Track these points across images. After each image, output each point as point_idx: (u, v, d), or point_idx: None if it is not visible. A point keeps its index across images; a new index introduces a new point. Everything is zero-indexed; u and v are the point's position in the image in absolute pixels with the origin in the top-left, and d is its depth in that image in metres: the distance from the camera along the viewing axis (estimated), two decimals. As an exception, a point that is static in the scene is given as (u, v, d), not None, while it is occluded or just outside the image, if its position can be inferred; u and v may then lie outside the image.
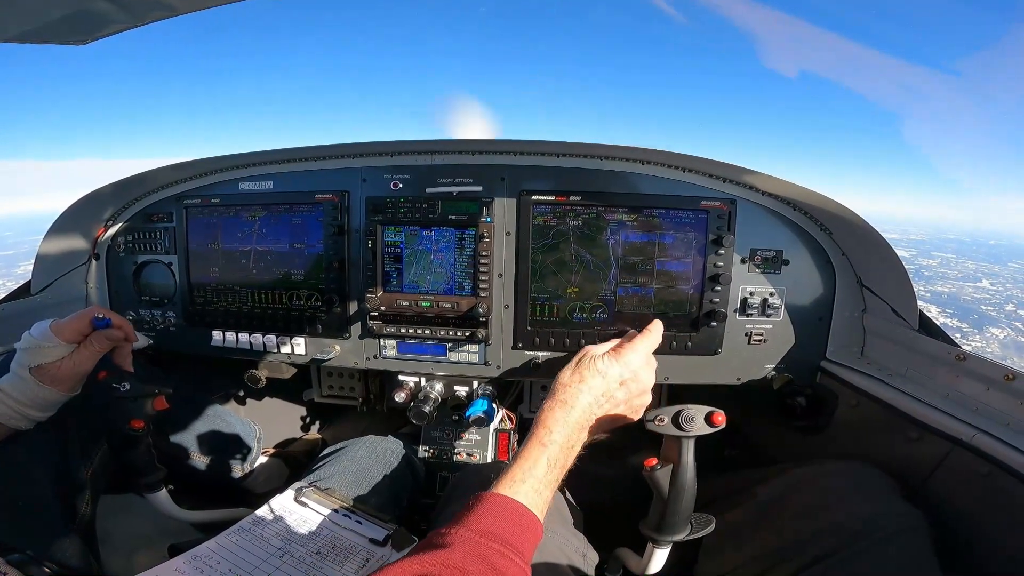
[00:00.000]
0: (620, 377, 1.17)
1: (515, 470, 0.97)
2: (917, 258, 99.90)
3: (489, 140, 1.64)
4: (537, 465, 0.99)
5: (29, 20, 0.95)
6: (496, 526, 0.86)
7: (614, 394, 1.16)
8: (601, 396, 1.14)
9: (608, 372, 1.16)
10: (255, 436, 1.92)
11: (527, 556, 0.87)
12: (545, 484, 0.98)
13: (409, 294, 1.70)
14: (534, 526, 0.91)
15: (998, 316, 62.73)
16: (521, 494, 0.93)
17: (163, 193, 1.85)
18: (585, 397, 1.12)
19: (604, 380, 1.15)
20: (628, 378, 1.18)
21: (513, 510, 0.90)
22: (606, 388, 1.15)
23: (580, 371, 1.16)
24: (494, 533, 0.84)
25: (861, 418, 1.52)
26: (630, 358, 1.20)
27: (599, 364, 1.17)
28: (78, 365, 1.24)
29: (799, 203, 1.58)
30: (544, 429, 1.05)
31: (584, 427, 1.11)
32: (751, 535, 1.30)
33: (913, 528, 1.10)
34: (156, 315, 1.91)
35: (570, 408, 1.10)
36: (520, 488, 0.94)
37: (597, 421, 1.14)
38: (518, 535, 0.87)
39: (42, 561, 1.02)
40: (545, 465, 0.99)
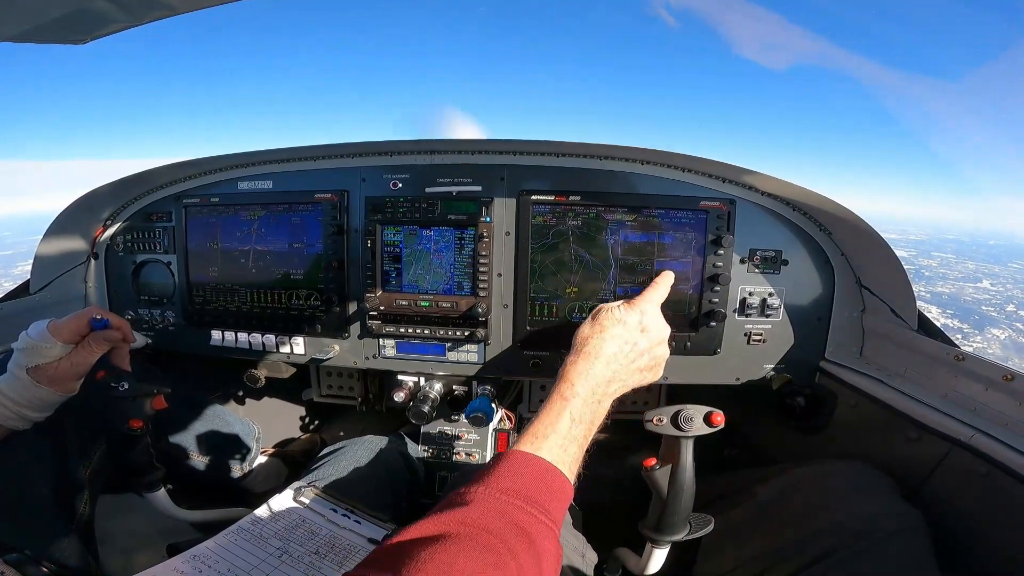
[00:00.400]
0: (640, 324, 1.15)
1: (536, 426, 0.94)
2: (917, 258, 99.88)
3: (488, 140, 1.64)
4: (560, 420, 0.95)
5: (28, 19, 0.95)
6: (517, 483, 0.83)
7: (637, 341, 1.13)
8: (625, 344, 1.11)
9: (627, 319, 1.14)
10: (254, 436, 1.92)
11: (554, 514, 0.84)
12: (570, 439, 0.94)
13: (408, 294, 1.70)
14: (560, 483, 0.88)
15: (999, 317, 62.62)
16: (544, 450, 0.90)
17: (162, 192, 1.85)
18: (609, 346, 1.09)
19: (625, 327, 1.13)
20: (648, 324, 1.16)
21: (536, 466, 0.87)
22: (627, 335, 1.12)
23: (600, 321, 1.13)
24: (516, 490, 0.81)
25: (860, 418, 1.52)
26: (646, 307, 1.18)
27: (617, 313, 1.15)
28: (75, 366, 1.23)
29: (798, 203, 1.58)
30: (566, 383, 1.01)
31: (610, 380, 1.07)
32: (750, 535, 1.30)
33: (912, 528, 1.10)
34: (155, 314, 1.91)
35: (593, 359, 1.06)
36: (543, 444, 0.91)
37: (623, 372, 1.10)
38: (543, 492, 0.84)
39: (40, 561, 1.01)
40: (568, 419, 0.96)
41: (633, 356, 1.12)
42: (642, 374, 1.15)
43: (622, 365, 1.09)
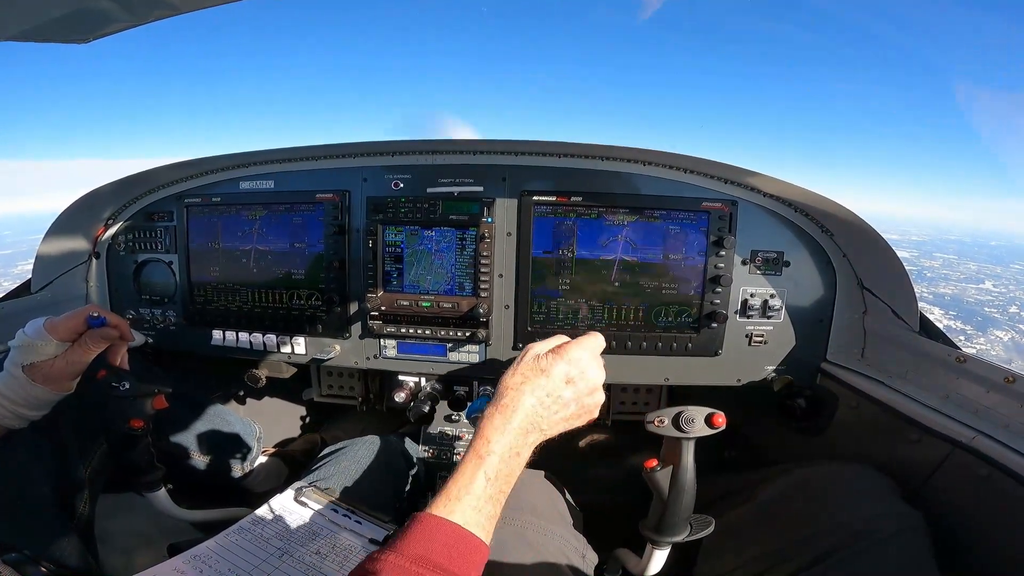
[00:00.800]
0: (566, 375, 1.04)
1: (450, 487, 0.89)
2: (919, 259, 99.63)
3: (490, 140, 1.64)
4: (475, 480, 0.89)
5: (30, 18, 0.95)
6: (429, 550, 0.79)
7: (561, 393, 1.03)
8: (546, 397, 1.02)
9: (552, 370, 1.03)
10: (255, 435, 1.92)
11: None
12: (486, 499, 0.89)
13: (410, 294, 1.70)
14: (474, 546, 0.84)
15: (1002, 318, 62.34)
16: (457, 513, 0.85)
17: (164, 192, 1.85)
18: (528, 399, 1.00)
19: (548, 379, 1.03)
20: (575, 376, 1.05)
21: (447, 532, 0.83)
22: (550, 386, 1.03)
23: (522, 371, 1.04)
24: (426, 558, 0.78)
25: (861, 420, 1.52)
26: (575, 354, 1.07)
27: (542, 362, 1.05)
28: (71, 364, 1.21)
29: (800, 204, 1.58)
30: (482, 440, 0.95)
31: (529, 431, 0.99)
32: (751, 536, 1.29)
33: (912, 530, 1.10)
34: (156, 314, 1.91)
35: (512, 412, 0.98)
36: (456, 507, 0.86)
37: (546, 423, 1.02)
38: (455, 559, 0.80)
39: (39, 560, 1.01)
40: (483, 479, 0.90)
41: (556, 408, 1.03)
42: (568, 422, 1.07)
43: (542, 417, 1.01)
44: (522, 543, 1.13)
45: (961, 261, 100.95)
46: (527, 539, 1.15)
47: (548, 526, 1.22)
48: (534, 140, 1.59)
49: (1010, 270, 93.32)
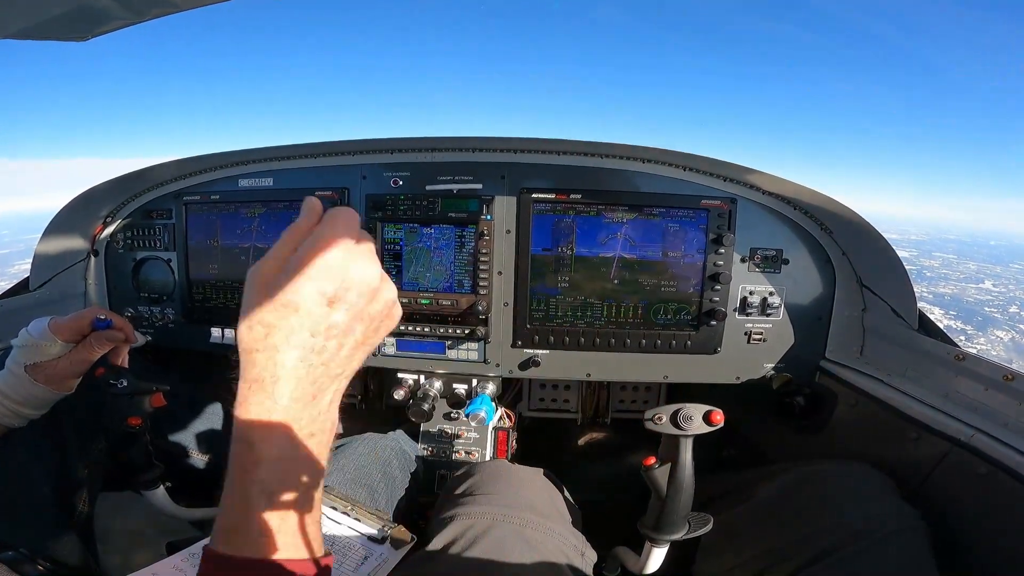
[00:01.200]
0: (321, 294, 0.63)
1: (221, 519, 0.64)
2: (919, 259, 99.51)
3: (489, 138, 1.63)
4: (249, 502, 0.62)
5: (30, 16, 0.95)
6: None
7: (333, 323, 0.64)
8: (311, 338, 0.63)
9: (300, 299, 0.62)
10: None
11: None
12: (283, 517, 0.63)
13: (409, 291, 1.69)
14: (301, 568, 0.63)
15: (1002, 318, 62.13)
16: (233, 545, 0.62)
17: (162, 190, 1.85)
18: (287, 356, 0.62)
19: (300, 314, 0.62)
20: (336, 289, 0.63)
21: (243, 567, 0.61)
22: (313, 322, 0.63)
23: (261, 316, 0.62)
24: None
25: (860, 418, 1.52)
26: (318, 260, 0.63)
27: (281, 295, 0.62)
28: (75, 364, 1.21)
29: (799, 202, 1.58)
30: (242, 446, 0.63)
31: (315, 395, 0.65)
32: (749, 534, 1.29)
33: (911, 528, 1.10)
34: (155, 312, 1.91)
35: (271, 385, 0.62)
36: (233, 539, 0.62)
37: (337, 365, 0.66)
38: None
39: (36, 559, 1.02)
40: (259, 497, 0.62)
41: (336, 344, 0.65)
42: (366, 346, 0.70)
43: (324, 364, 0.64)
44: (521, 541, 1.13)
45: (961, 261, 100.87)
46: (526, 537, 1.15)
47: (547, 524, 1.21)
48: (533, 137, 1.59)
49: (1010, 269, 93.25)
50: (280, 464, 0.63)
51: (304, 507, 0.65)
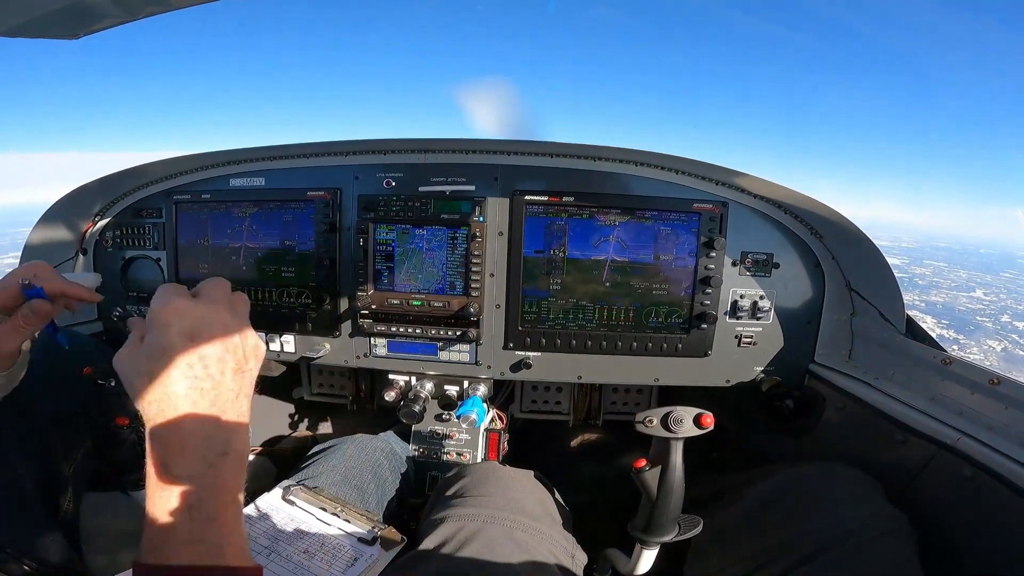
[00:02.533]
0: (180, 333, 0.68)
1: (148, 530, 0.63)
2: (910, 266, 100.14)
3: (482, 139, 1.64)
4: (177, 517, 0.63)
5: (23, 14, 0.94)
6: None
7: (204, 353, 0.68)
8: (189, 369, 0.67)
9: (164, 341, 0.67)
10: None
11: None
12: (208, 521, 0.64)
13: (400, 293, 1.69)
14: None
15: (994, 327, 62.32)
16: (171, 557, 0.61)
17: (153, 188, 1.83)
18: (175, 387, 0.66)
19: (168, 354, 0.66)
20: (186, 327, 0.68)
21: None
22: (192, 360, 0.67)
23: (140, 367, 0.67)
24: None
25: (848, 421, 1.53)
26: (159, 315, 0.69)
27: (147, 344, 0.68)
28: (5, 340, 1.02)
29: (790, 207, 1.59)
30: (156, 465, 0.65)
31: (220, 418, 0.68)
32: (738, 537, 1.30)
33: (897, 531, 1.11)
34: (144, 311, 1.89)
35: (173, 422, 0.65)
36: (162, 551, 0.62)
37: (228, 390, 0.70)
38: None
39: (20, 558, 1.00)
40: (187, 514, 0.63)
41: (215, 370, 0.69)
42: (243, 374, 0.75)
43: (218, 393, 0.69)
44: (511, 543, 1.13)
45: (951, 269, 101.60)
46: (516, 539, 1.15)
47: (537, 526, 1.22)
48: (526, 140, 1.60)
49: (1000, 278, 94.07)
50: (202, 479, 0.65)
51: (233, 503, 0.68)
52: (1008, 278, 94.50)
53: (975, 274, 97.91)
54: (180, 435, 0.65)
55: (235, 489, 0.69)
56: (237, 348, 0.74)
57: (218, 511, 0.65)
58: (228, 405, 0.70)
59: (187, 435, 0.66)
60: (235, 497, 0.69)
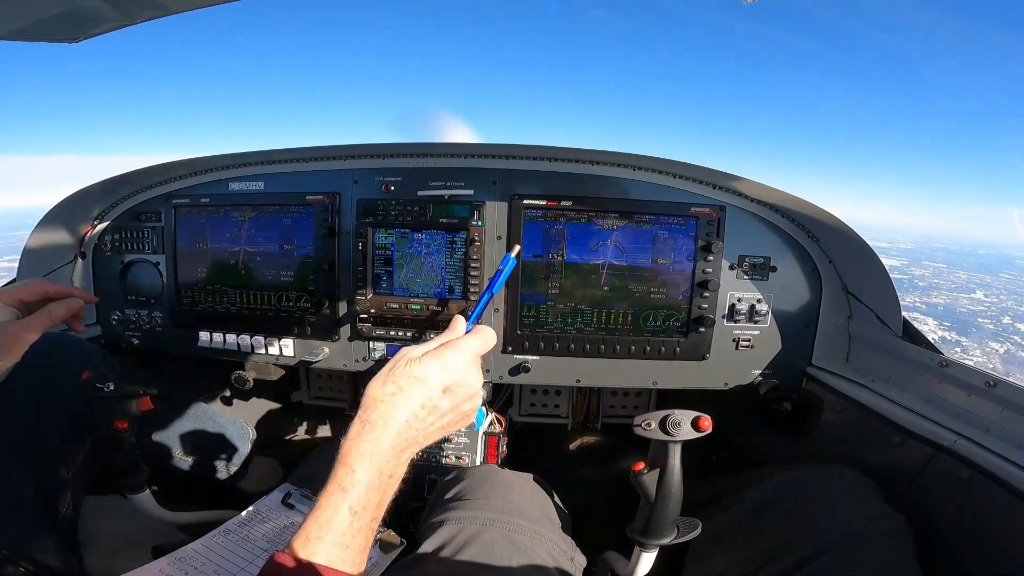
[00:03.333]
0: (443, 383, 0.93)
1: (310, 525, 0.79)
2: (909, 268, 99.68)
3: (481, 144, 1.64)
4: (337, 516, 0.80)
5: (22, 18, 0.95)
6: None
7: (438, 404, 0.93)
8: (421, 408, 0.91)
9: (429, 378, 0.92)
10: (249, 437, 1.91)
11: None
12: (353, 533, 0.81)
13: (399, 297, 1.69)
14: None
15: (996, 329, 61.57)
16: (319, 554, 0.77)
17: (152, 192, 1.84)
18: (401, 412, 0.88)
19: (424, 387, 0.91)
20: (453, 384, 0.94)
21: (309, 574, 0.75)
22: (428, 397, 0.91)
23: (395, 379, 0.91)
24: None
25: (845, 423, 1.54)
26: (454, 360, 0.96)
27: (416, 369, 0.92)
28: (25, 329, 1.21)
29: (787, 210, 1.60)
30: (345, 468, 0.83)
31: (403, 449, 0.89)
32: (737, 539, 1.30)
33: (895, 532, 1.12)
34: (142, 315, 1.89)
35: (382, 430, 0.86)
36: (317, 548, 0.77)
37: (419, 437, 0.92)
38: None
39: (17, 560, 1.01)
40: (347, 514, 0.80)
41: (432, 419, 0.93)
42: (443, 431, 0.98)
43: (418, 431, 0.91)
44: (510, 546, 1.13)
45: (951, 270, 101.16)
46: (515, 542, 1.15)
47: (537, 529, 1.22)
48: (525, 144, 1.60)
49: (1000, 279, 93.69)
50: (369, 489, 0.83)
51: (371, 529, 0.84)
52: (1008, 279, 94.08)
53: (975, 275, 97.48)
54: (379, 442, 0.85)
55: (389, 499, 0.87)
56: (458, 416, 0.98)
57: (371, 518, 0.83)
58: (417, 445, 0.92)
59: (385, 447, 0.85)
60: (383, 509, 0.86)
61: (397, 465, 0.88)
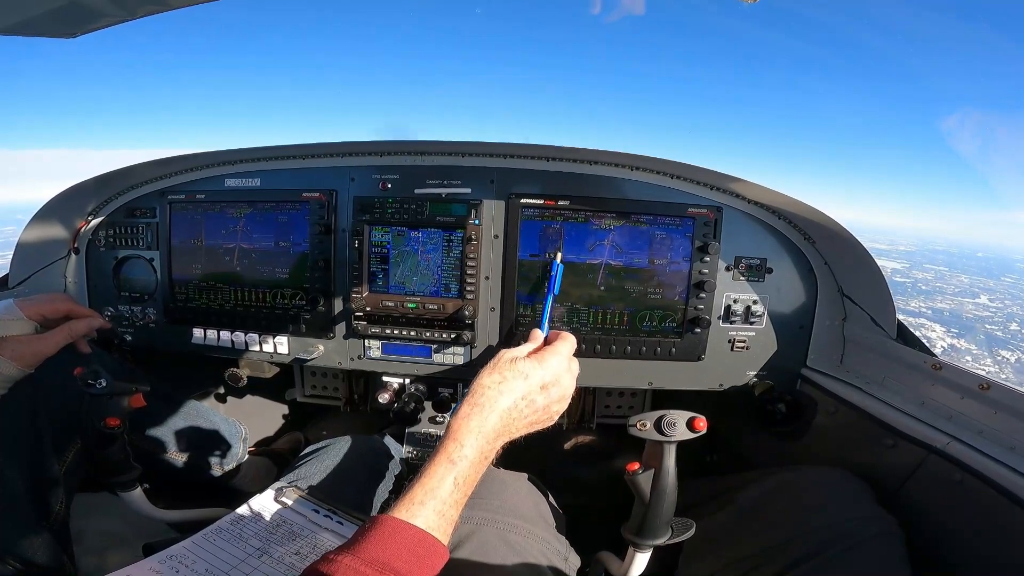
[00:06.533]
0: (542, 380, 1.07)
1: (416, 490, 0.87)
2: (911, 271, 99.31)
3: (479, 142, 1.64)
4: (443, 484, 0.89)
5: (20, 13, 0.94)
6: (387, 554, 0.78)
7: (535, 398, 1.06)
8: (521, 399, 1.04)
9: (531, 374, 1.06)
10: (241, 436, 1.90)
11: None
12: (451, 504, 0.89)
13: (395, 295, 1.69)
14: (434, 551, 0.84)
15: (1005, 336, 60.40)
16: (420, 517, 0.84)
17: (146, 188, 1.83)
18: (505, 400, 1.01)
19: (526, 382, 1.05)
20: (550, 382, 1.08)
21: (409, 536, 0.82)
22: (527, 390, 1.05)
23: (501, 371, 1.05)
24: (384, 562, 0.77)
25: (839, 425, 1.54)
26: (552, 362, 1.10)
27: (520, 365, 1.07)
28: (46, 344, 1.30)
29: (784, 212, 1.60)
30: (454, 443, 0.94)
31: (500, 435, 1.01)
32: (730, 540, 1.31)
33: (887, 534, 1.12)
34: (136, 311, 1.88)
35: (488, 412, 0.98)
36: (419, 511, 0.85)
37: (514, 426, 1.04)
38: (413, 563, 0.79)
39: (7, 559, 1.00)
40: (451, 485, 0.89)
41: (527, 412, 1.05)
42: (533, 427, 1.09)
43: (514, 419, 1.03)
44: (504, 545, 1.13)
45: (952, 273, 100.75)
46: (509, 541, 1.15)
47: (531, 528, 1.21)
48: (523, 143, 1.60)
49: (1002, 283, 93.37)
50: (471, 465, 0.93)
51: (461, 504, 0.92)
52: (1010, 283, 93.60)
53: (977, 279, 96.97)
54: (484, 422, 0.97)
55: (477, 480, 0.96)
56: (547, 414, 1.10)
57: (464, 495, 0.92)
58: (509, 434, 1.03)
59: (488, 428, 0.97)
60: (472, 489, 0.94)
61: (493, 448, 0.99)
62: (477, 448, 0.94)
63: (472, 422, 0.97)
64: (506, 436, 1.02)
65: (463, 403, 1.00)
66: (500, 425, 0.99)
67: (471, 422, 0.97)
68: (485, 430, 0.97)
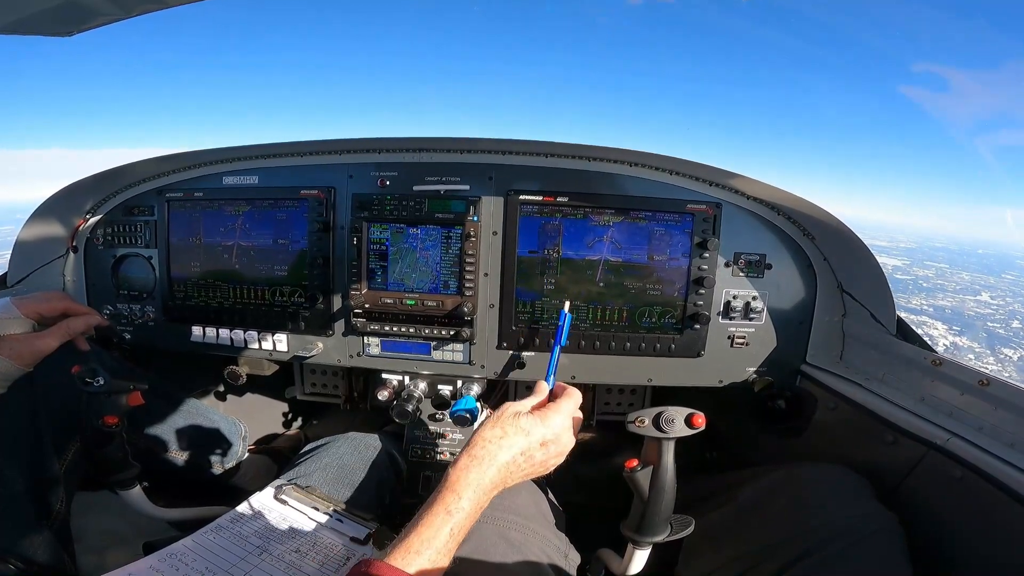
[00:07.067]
0: (543, 438, 1.07)
1: (412, 539, 0.87)
2: (912, 268, 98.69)
3: (478, 139, 1.63)
4: (439, 535, 0.89)
5: (16, 11, 0.94)
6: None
7: (533, 454, 1.06)
8: (520, 455, 1.04)
9: (532, 431, 1.06)
10: (240, 434, 1.90)
11: None
12: (444, 553, 0.89)
13: (394, 292, 1.69)
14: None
15: (1007, 334, 59.83)
16: (415, 566, 0.84)
17: (145, 186, 1.82)
18: (504, 455, 1.01)
19: (527, 438, 1.05)
20: (550, 440, 1.08)
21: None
22: (527, 446, 1.05)
23: (502, 425, 1.05)
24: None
25: (839, 421, 1.54)
26: (554, 420, 1.10)
27: (523, 422, 1.06)
28: (44, 342, 1.31)
29: (783, 208, 1.60)
30: (452, 495, 0.94)
31: (497, 486, 1.01)
32: (730, 536, 1.30)
33: (887, 531, 1.12)
34: (135, 309, 1.88)
35: (487, 466, 0.99)
36: (415, 560, 0.85)
37: (511, 479, 1.05)
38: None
39: (7, 558, 1.00)
40: (448, 535, 0.89)
41: (526, 467, 1.06)
42: (527, 477, 1.10)
43: (512, 472, 1.04)
44: (504, 542, 1.13)
45: (953, 270, 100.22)
46: (509, 539, 1.15)
47: (531, 526, 1.22)
48: (521, 139, 1.59)
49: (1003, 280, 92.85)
50: (468, 517, 0.94)
51: (452, 552, 0.91)
52: (1011, 280, 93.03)
53: (978, 276, 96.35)
54: (482, 476, 0.97)
55: (461, 540, 0.93)
56: (544, 467, 1.10)
57: (453, 549, 0.91)
58: (504, 485, 1.03)
59: (486, 482, 0.97)
60: (458, 544, 0.93)
61: (488, 499, 0.99)
62: (474, 501, 0.95)
63: (471, 475, 0.97)
64: (501, 486, 1.03)
65: (462, 454, 1.01)
66: (498, 479, 1.00)
67: (470, 475, 0.97)
68: (483, 484, 0.97)
